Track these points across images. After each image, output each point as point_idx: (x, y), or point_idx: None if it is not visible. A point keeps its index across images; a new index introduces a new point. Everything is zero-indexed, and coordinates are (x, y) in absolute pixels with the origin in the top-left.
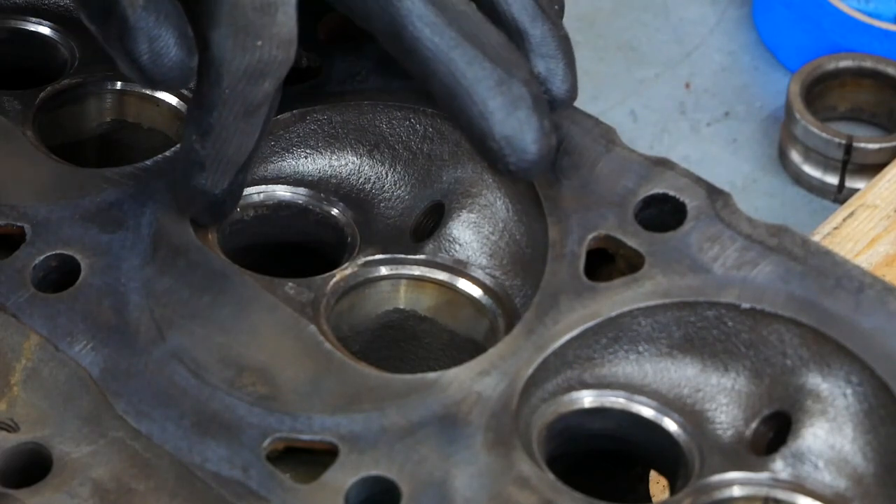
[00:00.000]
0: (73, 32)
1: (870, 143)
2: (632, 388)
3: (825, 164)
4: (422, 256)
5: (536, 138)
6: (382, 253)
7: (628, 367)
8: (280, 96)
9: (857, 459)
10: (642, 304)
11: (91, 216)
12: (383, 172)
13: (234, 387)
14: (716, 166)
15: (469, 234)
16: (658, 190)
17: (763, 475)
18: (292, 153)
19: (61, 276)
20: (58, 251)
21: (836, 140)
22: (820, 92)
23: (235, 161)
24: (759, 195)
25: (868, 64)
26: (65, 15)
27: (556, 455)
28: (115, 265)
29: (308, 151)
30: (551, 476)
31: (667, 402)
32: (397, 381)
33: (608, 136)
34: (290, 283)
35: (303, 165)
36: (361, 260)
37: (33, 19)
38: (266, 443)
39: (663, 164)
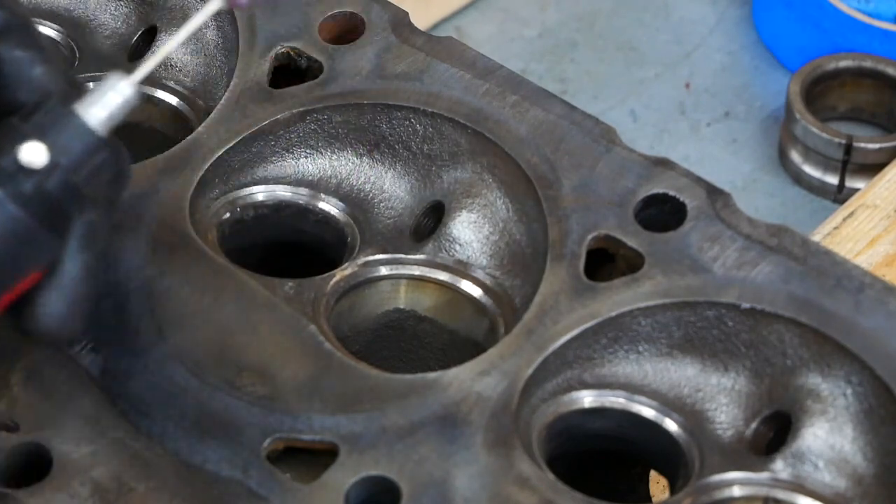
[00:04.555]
0: (73, 32)
1: (870, 143)
2: (632, 388)
3: (825, 164)
4: (422, 256)
5: None
6: (382, 253)
7: (628, 367)
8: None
9: (857, 459)
10: (642, 304)
11: None
12: (383, 172)
13: (234, 387)
14: (716, 166)
15: (469, 234)
16: (658, 190)
17: (763, 475)
18: (292, 153)
19: None
20: None
21: (836, 140)
22: (820, 92)
23: None
24: (759, 195)
25: (868, 64)
26: (65, 15)
27: (556, 455)
28: (115, 265)
29: (308, 151)
30: (551, 476)
31: (667, 402)
32: (397, 381)
33: (608, 136)
34: (290, 283)
35: (303, 165)
36: (361, 260)
37: (34, 20)
38: (266, 443)
39: (663, 164)
